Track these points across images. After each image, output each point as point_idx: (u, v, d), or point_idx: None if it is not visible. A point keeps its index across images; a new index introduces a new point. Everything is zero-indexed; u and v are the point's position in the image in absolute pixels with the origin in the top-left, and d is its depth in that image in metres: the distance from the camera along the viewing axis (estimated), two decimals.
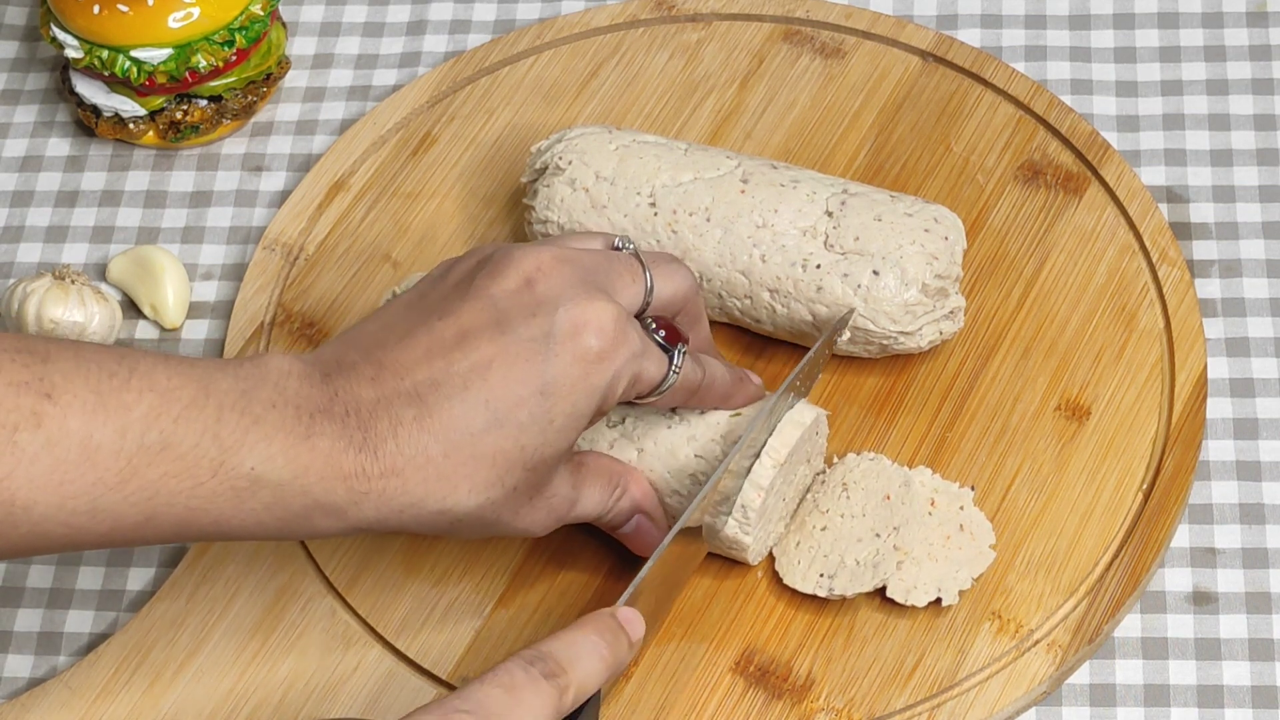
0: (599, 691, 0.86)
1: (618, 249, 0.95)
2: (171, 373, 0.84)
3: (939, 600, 0.98)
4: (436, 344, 0.88)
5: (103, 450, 0.82)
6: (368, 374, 0.88)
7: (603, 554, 1.02)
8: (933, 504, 1.00)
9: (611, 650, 0.86)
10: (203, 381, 0.85)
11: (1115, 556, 1.00)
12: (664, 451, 0.98)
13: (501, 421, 0.88)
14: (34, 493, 0.82)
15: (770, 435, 0.97)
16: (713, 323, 1.06)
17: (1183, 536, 1.02)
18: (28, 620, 1.03)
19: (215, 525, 0.86)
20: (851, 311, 1.02)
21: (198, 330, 1.13)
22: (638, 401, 0.93)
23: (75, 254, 1.16)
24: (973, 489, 1.02)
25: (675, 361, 0.93)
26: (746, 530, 0.97)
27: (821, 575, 0.99)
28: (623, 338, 0.89)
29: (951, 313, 1.05)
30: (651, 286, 0.93)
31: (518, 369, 0.88)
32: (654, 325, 0.93)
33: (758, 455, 0.96)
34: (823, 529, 1.00)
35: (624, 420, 0.99)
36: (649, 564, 0.91)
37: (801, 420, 0.97)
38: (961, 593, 0.99)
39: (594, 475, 0.95)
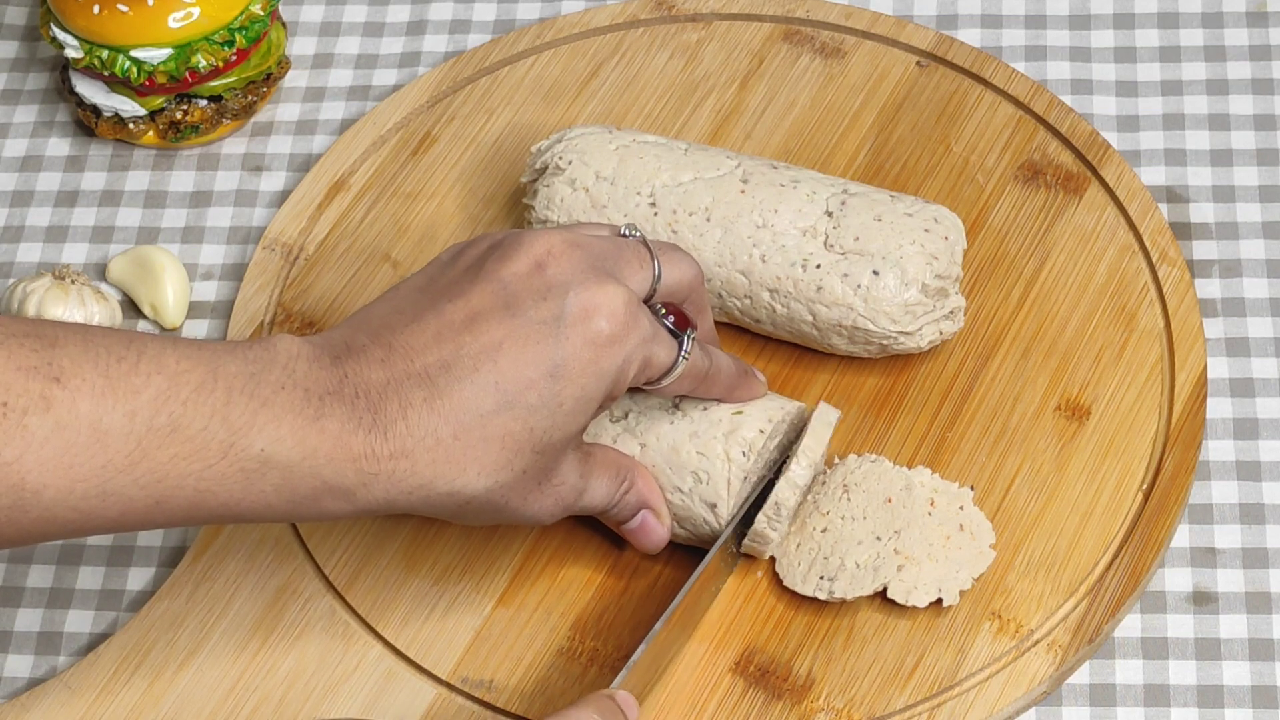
0: None
1: (625, 236, 0.95)
2: (180, 356, 0.85)
3: (939, 600, 0.98)
4: (446, 326, 0.89)
5: (112, 433, 0.82)
6: (377, 356, 0.88)
7: (604, 552, 1.02)
8: (932, 504, 1.00)
9: None
10: (211, 364, 0.85)
11: (1115, 556, 1.00)
12: (666, 447, 0.98)
13: (511, 403, 0.88)
14: (44, 476, 0.82)
15: (805, 436, 0.98)
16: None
17: (1183, 536, 1.02)
18: (28, 620, 1.03)
19: (224, 508, 0.86)
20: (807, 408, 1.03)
21: (198, 330, 1.13)
22: (646, 388, 0.94)
23: (75, 254, 1.16)
24: (972, 489, 1.02)
25: (685, 346, 0.93)
26: (775, 527, 0.98)
27: (821, 578, 0.99)
28: (633, 322, 0.90)
29: (951, 313, 1.05)
30: (659, 273, 0.94)
31: (528, 351, 0.88)
32: (663, 311, 0.93)
33: (790, 455, 0.97)
34: (823, 531, 1.00)
35: (627, 415, 0.99)
36: (642, 647, 0.91)
37: (829, 421, 0.98)
38: (962, 593, 0.99)
39: (602, 466, 0.95)
